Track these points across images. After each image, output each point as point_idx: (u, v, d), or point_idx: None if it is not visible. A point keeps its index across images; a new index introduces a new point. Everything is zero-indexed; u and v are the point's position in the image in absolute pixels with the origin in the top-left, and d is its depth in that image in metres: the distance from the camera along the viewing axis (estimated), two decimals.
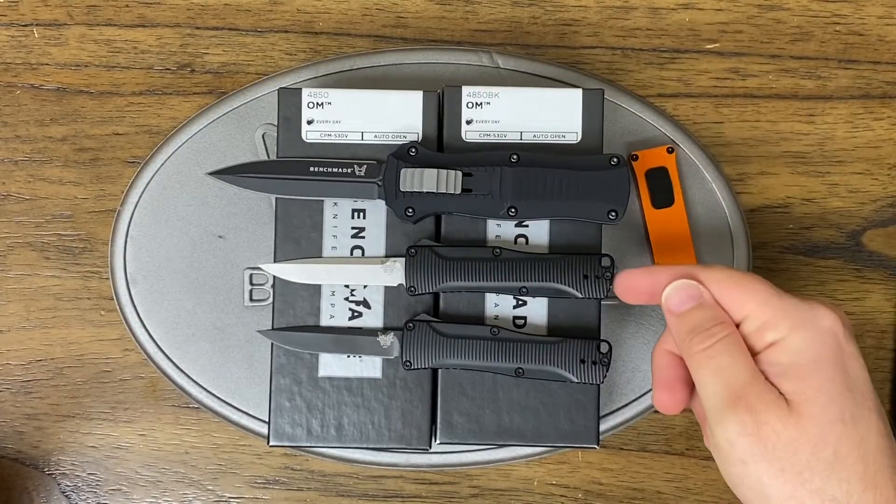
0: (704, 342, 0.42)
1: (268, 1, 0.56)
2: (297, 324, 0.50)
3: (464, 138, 0.50)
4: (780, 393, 0.41)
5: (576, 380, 0.49)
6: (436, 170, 0.49)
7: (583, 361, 0.49)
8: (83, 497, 0.56)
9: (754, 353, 0.42)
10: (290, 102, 0.51)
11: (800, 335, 0.41)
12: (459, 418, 0.50)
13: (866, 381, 0.42)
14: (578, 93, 0.50)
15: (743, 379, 0.41)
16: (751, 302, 0.42)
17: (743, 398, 0.40)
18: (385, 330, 0.50)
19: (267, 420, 0.50)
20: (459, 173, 0.49)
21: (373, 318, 0.50)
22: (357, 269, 0.50)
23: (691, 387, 0.45)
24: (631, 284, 0.46)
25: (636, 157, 0.54)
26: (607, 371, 0.49)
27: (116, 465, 0.55)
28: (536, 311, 0.50)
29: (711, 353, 0.42)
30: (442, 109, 0.51)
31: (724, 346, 0.42)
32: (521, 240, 0.50)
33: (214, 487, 0.55)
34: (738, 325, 0.43)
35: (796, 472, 0.40)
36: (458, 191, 0.49)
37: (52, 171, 0.56)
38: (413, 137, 0.50)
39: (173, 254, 0.55)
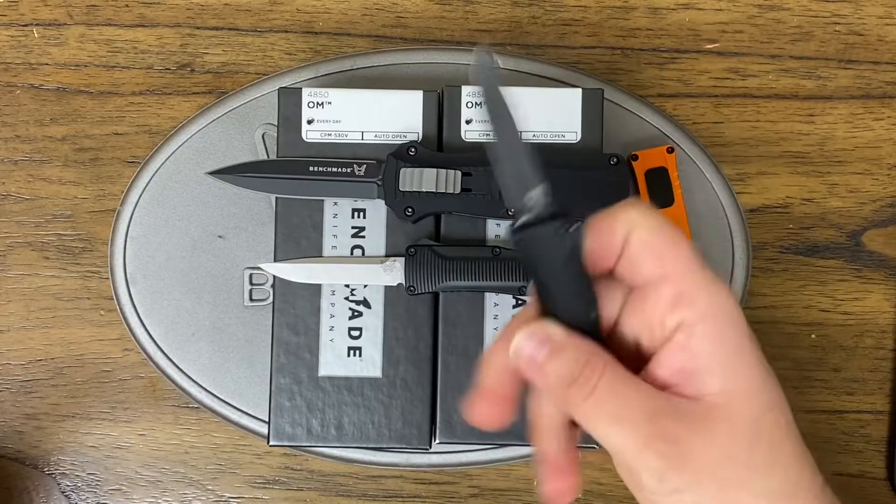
0: (583, 391, 0.35)
1: (268, 1, 0.56)
2: (297, 323, 0.50)
3: (463, 138, 0.51)
4: (695, 397, 0.35)
5: None
6: (435, 169, 0.49)
7: None
8: (83, 497, 0.56)
9: (657, 336, 0.35)
10: (290, 102, 0.51)
11: (720, 321, 0.35)
12: (459, 418, 0.50)
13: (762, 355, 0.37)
14: (578, 92, 0.50)
15: (646, 411, 0.34)
16: (675, 265, 0.35)
17: (656, 433, 0.34)
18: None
19: (267, 420, 0.50)
20: (459, 173, 0.49)
21: (373, 317, 0.50)
22: (357, 269, 0.50)
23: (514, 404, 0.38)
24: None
25: (636, 157, 0.54)
26: None
27: (116, 465, 0.55)
28: None
29: (596, 400, 0.35)
30: (442, 109, 0.51)
31: (608, 386, 0.35)
32: None
33: (214, 487, 0.55)
34: (641, 285, 0.35)
35: (735, 480, 0.35)
36: (458, 190, 0.49)
37: (51, 170, 0.56)
38: (413, 137, 0.50)
39: (173, 254, 0.55)
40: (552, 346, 0.35)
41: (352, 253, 0.51)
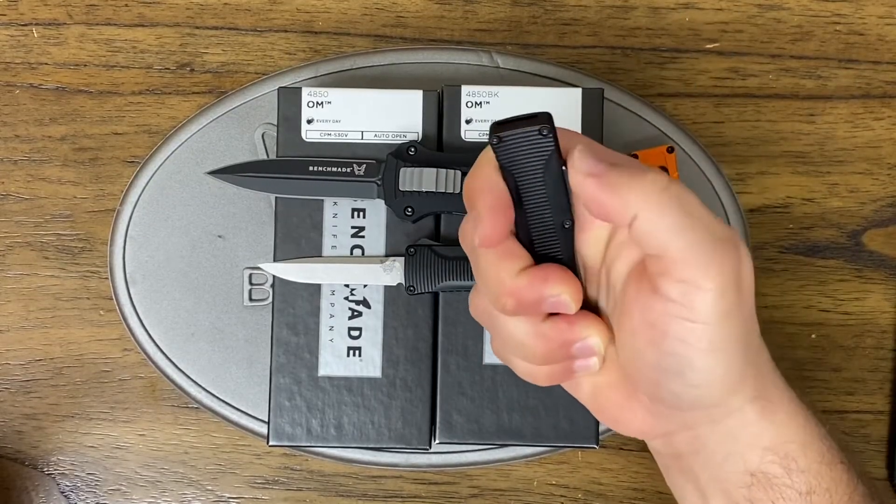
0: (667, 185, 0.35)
1: (267, 1, 0.56)
2: (296, 323, 0.50)
3: (463, 138, 0.50)
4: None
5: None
6: (435, 169, 0.49)
7: None
8: (82, 497, 0.55)
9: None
10: (289, 102, 0.51)
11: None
12: (459, 418, 0.50)
13: None
14: (578, 92, 0.50)
15: (711, 220, 0.36)
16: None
17: (726, 242, 0.35)
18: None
19: (266, 420, 0.50)
20: (459, 172, 0.49)
21: (372, 317, 0.50)
22: (356, 269, 0.50)
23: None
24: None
25: (636, 157, 0.54)
26: None
27: (116, 465, 0.55)
28: None
29: (675, 196, 0.35)
30: (441, 109, 0.51)
31: (683, 191, 0.35)
32: None
33: (214, 487, 0.55)
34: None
35: (751, 318, 0.36)
36: (458, 190, 0.49)
37: (51, 170, 0.56)
38: (413, 137, 0.50)
39: (173, 254, 0.54)
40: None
41: (351, 253, 0.50)
